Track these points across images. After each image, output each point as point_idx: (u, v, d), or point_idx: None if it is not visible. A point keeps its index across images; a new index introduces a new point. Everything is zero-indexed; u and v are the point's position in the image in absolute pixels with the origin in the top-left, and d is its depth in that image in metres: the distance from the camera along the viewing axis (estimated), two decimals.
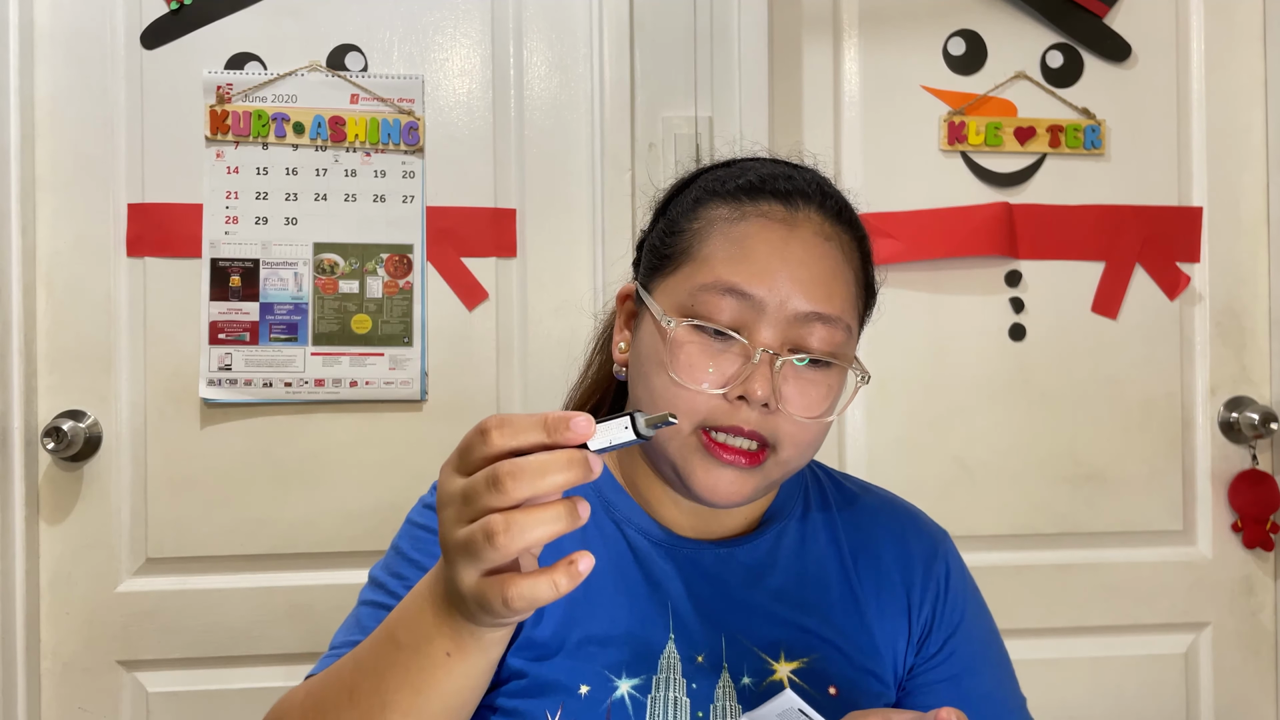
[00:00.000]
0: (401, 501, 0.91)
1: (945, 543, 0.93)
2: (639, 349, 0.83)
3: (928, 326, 1.51)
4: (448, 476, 0.57)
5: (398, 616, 0.64)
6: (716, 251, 0.79)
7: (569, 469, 0.53)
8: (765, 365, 0.76)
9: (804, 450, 0.80)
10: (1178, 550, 1.55)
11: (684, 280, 0.80)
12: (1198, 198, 1.55)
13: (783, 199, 0.81)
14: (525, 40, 1.46)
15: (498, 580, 0.54)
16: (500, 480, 0.52)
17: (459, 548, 0.55)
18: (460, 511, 0.55)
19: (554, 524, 0.53)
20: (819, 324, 0.78)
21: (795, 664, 0.82)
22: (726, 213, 0.81)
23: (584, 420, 0.53)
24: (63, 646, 1.38)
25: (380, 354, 1.42)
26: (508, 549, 0.52)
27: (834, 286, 0.80)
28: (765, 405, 0.76)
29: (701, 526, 0.87)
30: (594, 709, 0.77)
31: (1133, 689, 1.53)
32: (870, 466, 1.50)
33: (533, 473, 0.52)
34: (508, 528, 0.52)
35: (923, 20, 1.52)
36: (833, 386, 0.80)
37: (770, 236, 0.79)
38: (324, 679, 0.69)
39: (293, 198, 1.41)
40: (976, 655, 0.89)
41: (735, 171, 0.85)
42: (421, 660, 0.61)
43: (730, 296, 0.77)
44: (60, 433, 1.33)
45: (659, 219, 0.88)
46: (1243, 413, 1.52)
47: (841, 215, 0.84)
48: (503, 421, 0.54)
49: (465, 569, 0.55)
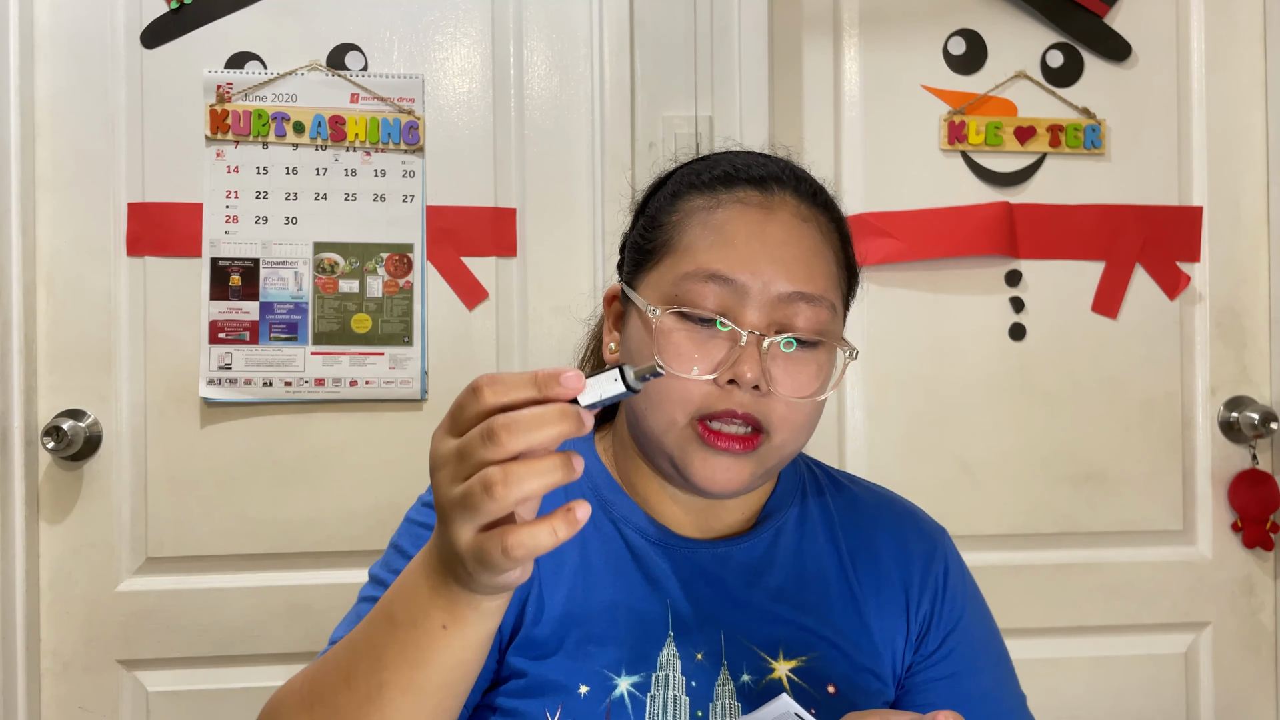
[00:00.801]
0: (401, 501, 0.91)
1: (944, 540, 0.93)
2: (628, 345, 0.83)
3: (928, 326, 1.51)
4: (440, 439, 0.57)
5: (392, 595, 0.64)
6: (696, 240, 0.80)
7: (562, 421, 0.53)
8: (753, 347, 0.76)
9: (798, 433, 0.80)
10: (1178, 550, 1.54)
11: (667, 272, 0.81)
12: (1198, 197, 1.55)
13: (757, 185, 0.82)
14: (525, 40, 1.46)
15: (496, 532, 0.54)
16: (495, 433, 0.53)
17: (456, 504, 0.55)
18: (456, 470, 0.55)
19: (550, 474, 0.53)
20: (803, 304, 0.79)
21: (794, 662, 0.82)
22: (703, 202, 0.82)
23: (574, 375, 0.54)
24: (63, 646, 1.38)
25: (380, 353, 1.42)
26: (505, 499, 0.53)
27: (815, 266, 0.80)
28: (756, 388, 0.76)
29: (699, 524, 0.87)
30: (594, 708, 0.77)
31: (1133, 689, 1.53)
32: (870, 466, 1.50)
33: (527, 425, 0.53)
34: (505, 479, 0.52)
35: (923, 20, 1.52)
36: (821, 366, 0.81)
37: (748, 221, 0.80)
38: (320, 665, 0.69)
39: (293, 197, 1.41)
40: (976, 653, 0.89)
41: (710, 164, 0.86)
42: (418, 635, 0.61)
43: (713, 283, 0.78)
44: (60, 432, 1.33)
45: (639, 218, 0.89)
46: (1243, 412, 1.52)
47: (817, 198, 0.85)
48: (494, 379, 0.55)
49: (462, 525, 0.55)
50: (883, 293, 1.51)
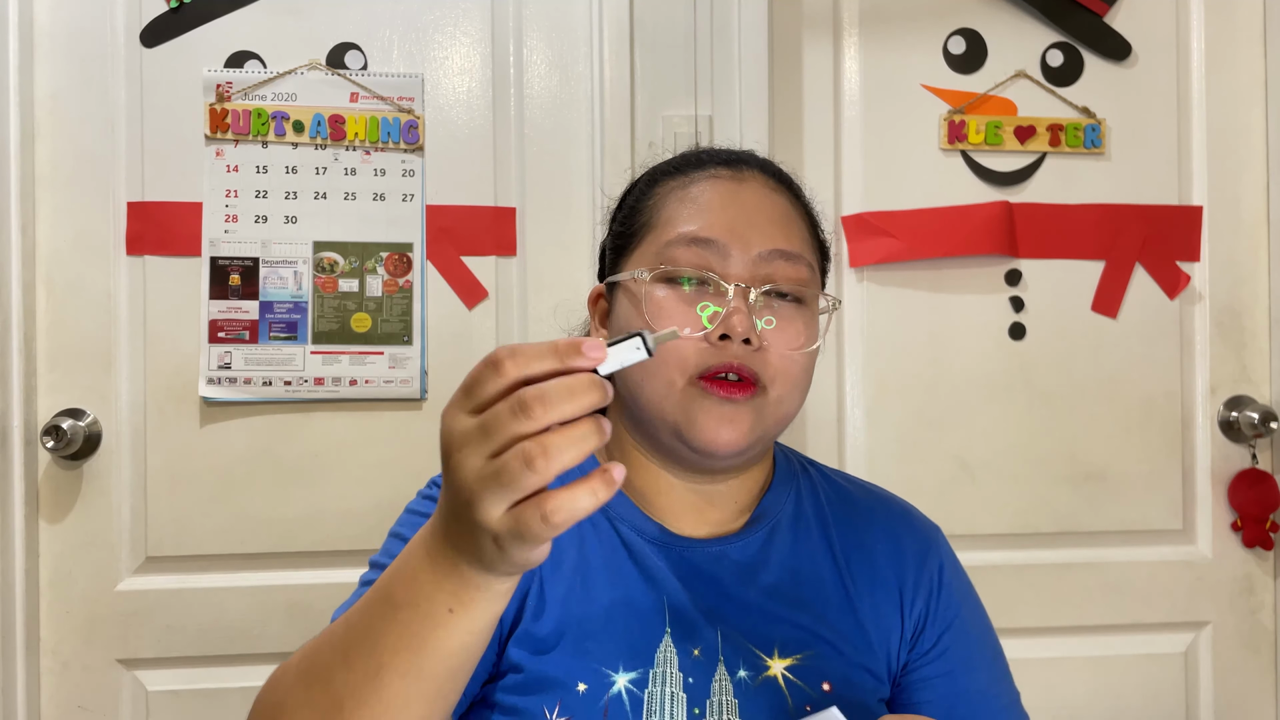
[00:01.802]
0: (401, 500, 0.91)
1: (938, 539, 0.93)
2: (618, 326, 0.86)
3: (928, 326, 1.51)
4: (454, 417, 0.56)
5: (392, 576, 0.62)
6: (675, 214, 0.85)
7: (592, 390, 0.52)
8: (740, 300, 0.79)
9: (793, 386, 0.83)
10: (1178, 549, 1.54)
11: (649, 247, 0.85)
12: (1198, 197, 1.55)
13: (727, 163, 0.88)
14: (525, 39, 1.46)
15: (533, 502, 0.53)
16: (529, 406, 0.51)
17: (487, 480, 0.53)
18: (480, 446, 0.54)
19: (586, 441, 0.52)
20: (782, 261, 0.83)
21: (789, 660, 0.82)
22: (677, 182, 0.87)
23: (595, 344, 0.53)
24: (62, 645, 1.38)
25: (380, 353, 1.42)
26: (546, 472, 0.51)
27: (790, 228, 0.85)
28: (748, 342, 0.79)
29: (695, 519, 0.87)
30: (592, 705, 0.77)
31: (1133, 688, 1.53)
32: (870, 466, 1.50)
33: (559, 396, 0.52)
34: (545, 451, 0.51)
35: (923, 19, 1.52)
36: (808, 322, 0.84)
37: (721, 189, 0.85)
38: (316, 644, 0.67)
39: (292, 196, 1.41)
40: (971, 651, 0.89)
41: (681, 155, 0.93)
42: (421, 618, 0.60)
43: (695, 246, 0.82)
44: (60, 431, 1.33)
45: (614, 219, 0.93)
46: (1243, 412, 1.52)
47: (782, 178, 0.90)
48: (514, 351, 0.53)
49: (493, 503, 0.53)
50: (882, 292, 1.51)
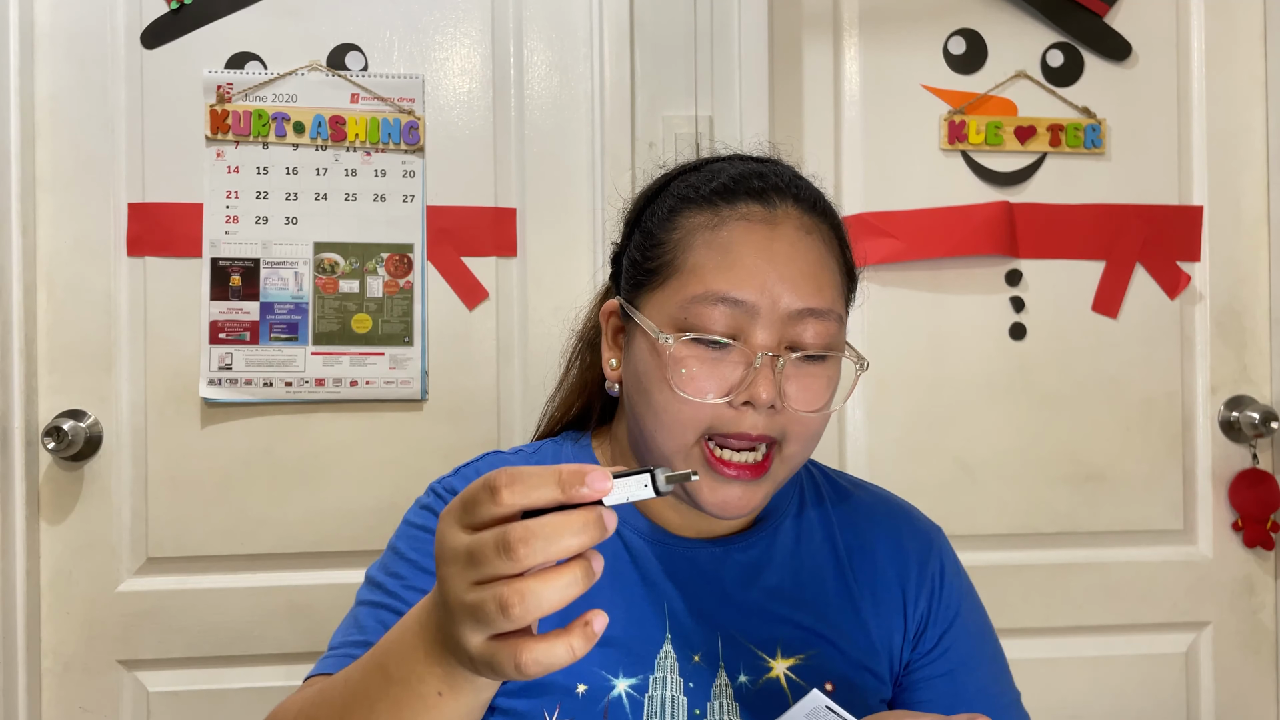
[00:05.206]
0: (401, 501, 0.91)
1: (939, 539, 0.93)
2: (634, 365, 0.82)
3: (928, 326, 1.51)
4: (449, 528, 0.53)
5: (388, 646, 0.62)
6: (702, 261, 0.79)
7: (583, 532, 0.50)
8: (767, 368, 0.76)
9: (808, 443, 0.81)
10: (1178, 550, 1.54)
11: (673, 294, 0.80)
12: (1198, 197, 1.55)
13: (759, 198, 0.81)
14: (525, 40, 1.46)
15: (509, 644, 0.51)
16: (512, 547, 0.49)
17: (466, 611, 0.52)
18: (465, 572, 0.52)
19: (569, 589, 0.50)
20: (812, 319, 0.78)
21: (792, 660, 0.83)
22: (705, 220, 0.81)
23: (600, 475, 0.50)
24: (63, 646, 1.38)
25: (380, 354, 1.42)
26: (522, 620, 0.49)
27: (822, 279, 0.80)
28: (771, 407, 0.76)
29: (697, 526, 0.87)
30: (591, 708, 0.77)
31: (1133, 689, 1.53)
32: (870, 466, 1.50)
33: (546, 538, 0.49)
34: (523, 599, 0.49)
35: (923, 19, 1.52)
36: (831, 378, 0.81)
37: (754, 239, 0.79)
38: (316, 699, 0.68)
39: (293, 197, 1.41)
40: (972, 650, 0.89)
41: (707, 175, 0.84)
42: (412, 697, 0.59)
43: (723, 305, 0.77)
44: (61, 432, 1.33)
45: (633, 231, 0.88)
46: (1243, 412, 1.52)
47: (817, 206, 0.84)
48: (513, 479, 0.51)
49: (471, 632, 0.52)
50: (883, 292, 1.51)
